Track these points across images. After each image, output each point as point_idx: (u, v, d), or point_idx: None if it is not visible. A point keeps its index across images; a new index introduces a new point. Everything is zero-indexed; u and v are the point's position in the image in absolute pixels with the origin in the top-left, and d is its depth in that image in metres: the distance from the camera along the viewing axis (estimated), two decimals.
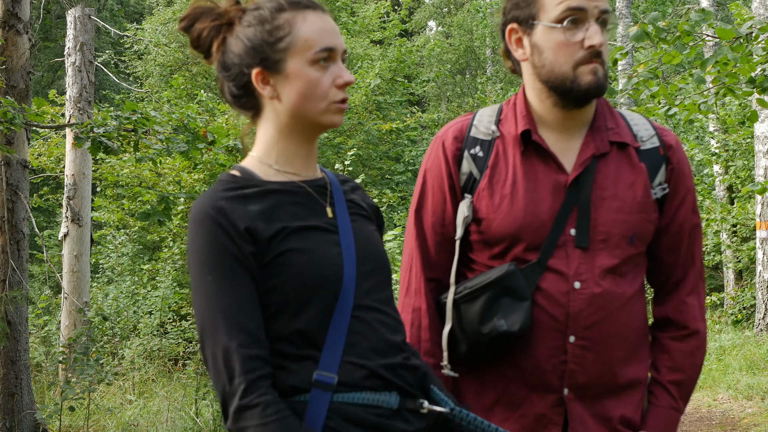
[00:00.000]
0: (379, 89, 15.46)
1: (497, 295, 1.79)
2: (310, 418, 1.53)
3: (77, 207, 8.04)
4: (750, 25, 4.41)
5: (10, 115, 4.80)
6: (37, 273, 12.86)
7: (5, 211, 5.47)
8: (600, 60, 1.76)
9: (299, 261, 1.57)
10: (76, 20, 7.97)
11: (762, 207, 9.98)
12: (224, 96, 1.72)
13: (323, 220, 1.65)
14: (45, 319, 10.07)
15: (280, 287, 1.57)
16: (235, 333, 1.52)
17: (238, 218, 1.57)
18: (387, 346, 1.62)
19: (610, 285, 1.79)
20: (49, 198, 12.19)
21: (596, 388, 1.81)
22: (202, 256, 1.56)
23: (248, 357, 1.51)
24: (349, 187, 1.77)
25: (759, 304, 9.89)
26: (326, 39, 1.64)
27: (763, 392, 7.10)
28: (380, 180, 15.29)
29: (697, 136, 14.43)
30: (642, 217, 1.82)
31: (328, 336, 1.57)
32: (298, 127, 1.66)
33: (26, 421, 5.55)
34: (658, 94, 4.82)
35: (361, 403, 1.57)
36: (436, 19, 26.25)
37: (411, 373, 1.64)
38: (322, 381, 1.55)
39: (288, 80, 1.62)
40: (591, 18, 1.74)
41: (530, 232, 1.80)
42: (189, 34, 1.68)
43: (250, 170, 1.67)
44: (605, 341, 1.79)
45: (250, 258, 1.56)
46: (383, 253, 1.73)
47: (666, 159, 1.87)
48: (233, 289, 1.54)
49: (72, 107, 7.90)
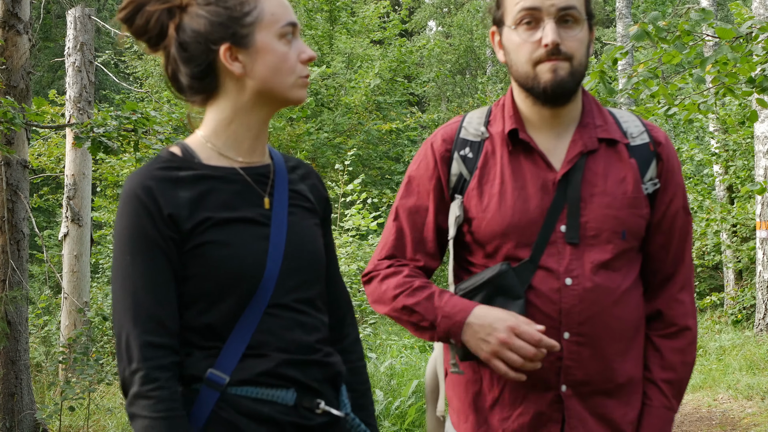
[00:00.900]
0: (379, 89, 15.46)
1: (491, 295, 1.81)
2: (193, 415, 1.55)
3: (77, 207, 8.03)
4: (750, 25, 4.41)
5: (10, 115, 4.80)
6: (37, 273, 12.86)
7: (5, 211, 5.47)
8: (562, 57, 1.77)
9: (218, 254, 1.56)
10: (76, 20, 7.97)
11: (762, 207, 9.98)
12: (175, 82, 1.66)
13: (257, 212, 1.63)
14: (45, 319, 10.07)
15: (195, 279, 1.57)
16: (142, 319, 1.52)
17: (164, 202, 1.55)
18: (296, 346, 1.62)
19: (602, 280, 1.80)
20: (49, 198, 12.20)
21: (595, 385, 1.81)
22: (124, 235, 1.55)
23: (150, 345, 1.51)
24: (298, 175, 1.75)
25: (759, 304, 9.89)
26: (289, 14, 1.64)
27: (763, 392, 7.10)
28: (380, 180, 15.30)
29: (697, 136, 14.43)
30: (633, 212, 1.83)
31: (233, 333, 1.57)
32: (260, 103, 1.64)
33: (26, 421, 5.55)
34: (658, 93, 4.82)
35: (255, 397, 1.57)
36: (436, 19, 26.25)
37: (320, 369, 1.65)
38: (212, 380, 1.56)
39: (258, 54, 1.61)
40: (547, 17, 1.76)
41: (519, 231, 1.82)
42: (133, 21, 1.62)
43: (191, 150, 1.65)
44: (600, 336, 1.79)
45: (171, 244, 1.55)
46: (317, 249, 1.71)
47: (656, 155, 1.88)
48: (148, 273, 1.54)
49: (72, 107, 7.89)
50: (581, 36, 1.80)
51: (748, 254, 11.43)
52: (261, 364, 1.58)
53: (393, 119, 15.38)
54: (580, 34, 1.79)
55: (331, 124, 14.49)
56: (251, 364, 1.58)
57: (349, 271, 9.12)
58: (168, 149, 1.66)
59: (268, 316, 1.59)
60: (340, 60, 15.89)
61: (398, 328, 10.33)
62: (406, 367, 6.79)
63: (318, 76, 13.80)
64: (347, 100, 14.70)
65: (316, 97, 14.40)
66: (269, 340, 1.59)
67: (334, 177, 12.19)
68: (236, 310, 1.58)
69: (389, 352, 7.78)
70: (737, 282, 11.98)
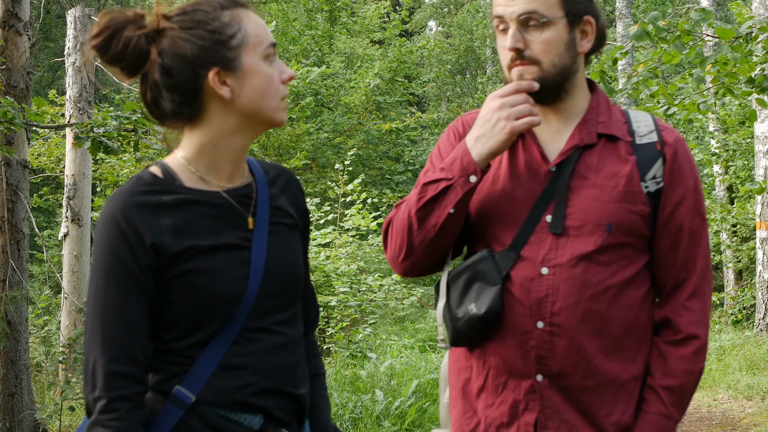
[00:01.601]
0: (379, 89, 15.47)
1: (471, 280, 1.85)
2: (155, 429, 1.57)
3: (77, 207, 8.03)
4: (750, 25, 4.41)
5: (10, 115, 4.80)
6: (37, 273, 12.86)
7: (5, 211, 5.47)
8: (527, 61, 1.81)
9: (200, 282, 1.57)
10: (76, 20, 7.97)
11: (762, 207, 9.98)
12: (155, 108, 1.62)
13: (239, 235, 1.63)
14: (45, 319, 10.07)
15: (177, 304, 1.58)
16: (108, 346, 1.53)
17: (145, 231, 1.55)
18: (271, 371, 1.63)
19: (581, 272, 1.80)
20: (49, 198, 12.20)
21: (572, 379, 1.81)
22: (100, 259, 1.56)
23: (114, 374, 1.52)
24: (279, 187, 1.74)
25: (759, 304, 9.89)
26: (269, 34, 1.64)
27: (763, 392, 7.10)
28: (380, 180, 15.31)
29: (697, 136, 14.43)
30: (623, 206, 1.83)
31: (203, 354, 1.58)
32: (245, 127, 1.64)
33: (26, 421, 5.55)
34: (658, 93, 4.82)
35: (223, 415, 1.59)
36: (436, 19, 26.26)
37: (289, 401, 1.66)
38: (178, 397, 1.57)
39: (245, 77, 1.59)
40: (510, 22, 1.81)
41: (504, 216, 1.85)
42: (109, 49, 1.57)
43: (173, 172, 1.62)
44: (576, 329, 1.79)
45: (148, 274, 1.55)
46: (297, 271, 1.72)
47: (662, 155, 1.88)
48: (120, 302, 1.54)
49: (72, 107, 7.90)
50: (549, 37, 1.81)
51: (748, 254, 11.43)
52: (233, 387, 1.59)
53: (393, 119, 15.40)
54: (547, 36, 1.81)
55: (331, 124, 14.49)
56: (223, 385, 1.59)
57: (349, 271, 9.12)
58: (149, 170, 1.63)
59: (246, 339, 1.61)
60: (340, 60, 15.89)
61: (398, 327, 10.34)
62: (406, 367, 6.79)
63: (318, 76, 13.79)
64: (347, 100, 14.70)
65: (316, 97, 14.39)
66: (245, 363, 1.60)
67: (334, 177, 12.19)
68: (213, 333, 1.59)
69: (389, 352, 7.78)
70: (737, 282, 11.99)
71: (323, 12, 16.55)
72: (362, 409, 5.68)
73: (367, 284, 9.20)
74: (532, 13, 1.80)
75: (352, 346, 8.13)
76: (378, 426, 5.52)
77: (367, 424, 5.53)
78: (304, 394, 1.71)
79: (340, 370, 6.84)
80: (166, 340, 1.59)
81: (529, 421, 1.83)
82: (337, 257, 9.25)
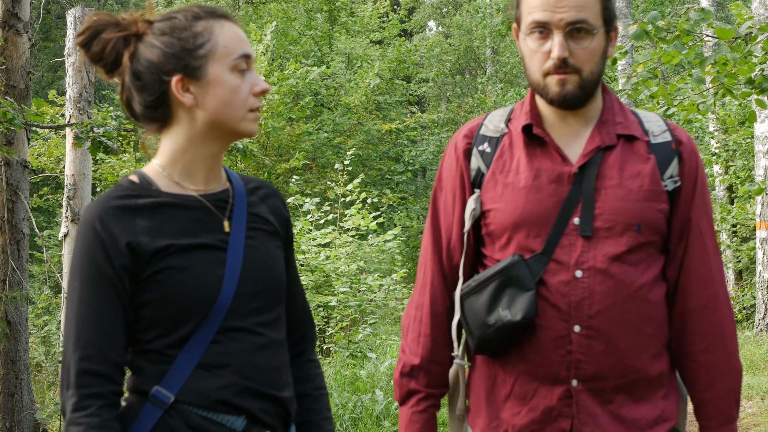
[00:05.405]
0: (379, 89, 15.46)
1: (502, 286, 1.82)
2: (134, 429, 1.58)
3: (77, 207, 8.03)
4: (749, 25, 4.42)
5: (10, 115, 4.80)
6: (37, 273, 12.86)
7: (5, 211, 5.47)
8: (570, 70, 1.78)
9: (177, 279, 1.59)
10: (76, 20, 7.96)
11: (762, 207, 9.98)
12: (130, 110, 1.69)
13: (216, 237, 1.65)
14: (45, 319, 10.07)
15: (153, 304, 1.60)
16: (81, 346, 1.56)
17: (120, 232, 1.59)
18: (252, 371, 1.64)
19: (615, 273, 1.79)
20: (49, 198, 12.20)
21: (607, 381, 1.81)
22: (76, 262, 1.60)
23: (86, 372, 1.54)
24: (258, 197, 1.76)
25: (759, 304, 9.89)
26: (243, 46, 1.65)
27: (763, 392, 7.10)
28: (380, 180, 15.31)
29: (696, 136, 14.42)
30: (649, 204, 1.83)
31: (181, 354, 1.60)
32: (212, 135, 1.66)
33: (26, 421, 5.55)
34: (657, 94, 4.82)
35: (204, 416, 1.60)
36: (436, 20, 26.26)
37: (272, 403, 1.67)
38: (158, 397, 1.59)
39: (209, 87, 1.62)
40: (556, 30, 1.77)
41: (532, 222, 1.83)
42: (90, 47, 1.64)
43: (149, 178, 1.67)
44: (613, 330, 1.79)
45: (124, 275, 1.58)
46: (277, 272, 1.73)
47: (678, 153, 1.89)
48: (95, 303, 1.57)
49: (72, 107, 7.89)
50: (593, 46, 1.79)
51: (748, 254, 11.43)
52: (214, 387, 1.60)
53: (393, 119, 15.39)
54: (591, 45, 1.79)
55: (330, 124, 14.49)
56: (204, 385, 1.60)
57: (348, 271, 9.12)
58: (127, 177, 1.69)
59: (227, 338, 1.62)
60: (340, 60, 15.89)
61: (398, 327, 10.33)
62: None
63: (318, 76, 13.79)
64: (347, 100, 14.70)
65: (316, 97, 14.40)
66: (227, 362, 1.62)
67: (333, 177, 12.18)
68: (191, 331, 1.61)
69: (389, 352, 7.78)
70: (737, 282, 11.99)
71: (323, 12, 16.55)
72: (362, 409, 5.69)
73: (367, 284, 9.19)
74: (582, 23, 1.77)
75: (352, 346, 8.12)
76: (378, 426, 5.52)
77: (367, 424, 5.53)
78: (288, 398, 1.71)
79: (340, 370, 6.84)
80: (146, 340, 1.61)
81: (564, 428, 1.82)
82: (336, 257, 9.24)
